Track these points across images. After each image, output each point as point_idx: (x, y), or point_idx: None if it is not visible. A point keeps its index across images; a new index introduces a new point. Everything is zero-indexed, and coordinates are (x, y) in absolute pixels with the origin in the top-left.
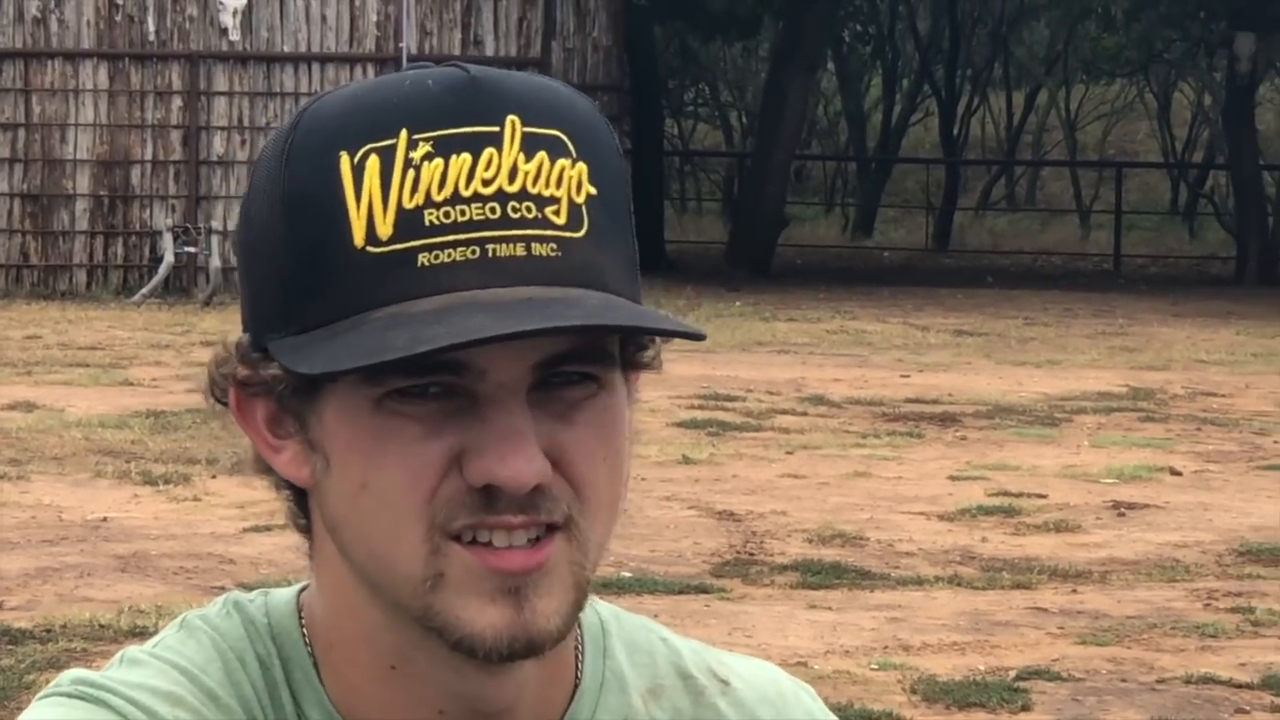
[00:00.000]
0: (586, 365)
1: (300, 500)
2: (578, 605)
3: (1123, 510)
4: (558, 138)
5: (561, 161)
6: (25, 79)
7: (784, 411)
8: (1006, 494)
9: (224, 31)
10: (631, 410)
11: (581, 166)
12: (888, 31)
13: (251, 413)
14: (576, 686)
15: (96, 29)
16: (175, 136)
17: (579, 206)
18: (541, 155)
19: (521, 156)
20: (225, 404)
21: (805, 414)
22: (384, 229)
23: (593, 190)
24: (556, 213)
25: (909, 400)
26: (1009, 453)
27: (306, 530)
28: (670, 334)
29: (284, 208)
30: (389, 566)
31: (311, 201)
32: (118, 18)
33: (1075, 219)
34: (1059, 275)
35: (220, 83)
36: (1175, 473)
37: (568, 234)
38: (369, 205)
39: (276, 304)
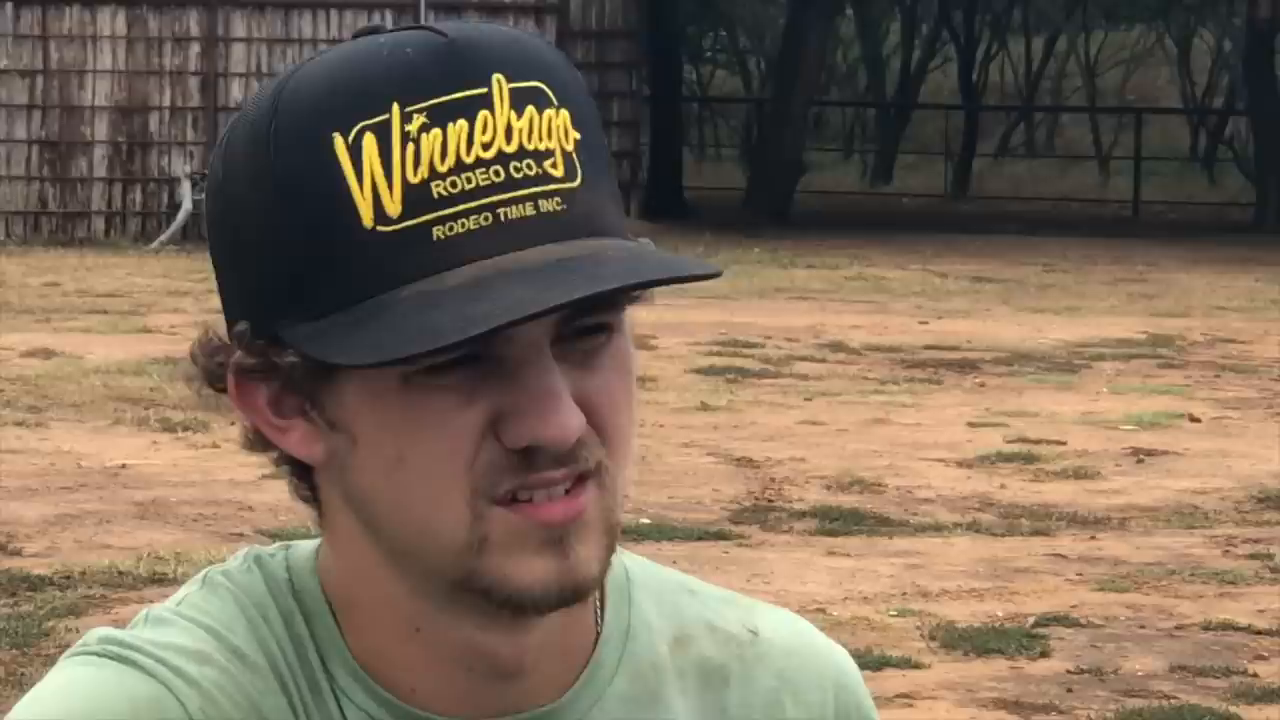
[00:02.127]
0: (604, 315)
1: (302, 474)
2: (611, 549)
3: (1141, 457)
4: (539, 89)
5: (548, 112)
6: (43, 26)
7: (802, 358)
8: (1025, 440)
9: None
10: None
11: (565, 113)
12: None
13: (252, 396)
14: (598, 636)
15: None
16: (194, 83)
17: (570, 154)
18: (530, 110)
19: (513, 114)
20: (222, 390)
21: (824, 361)
22: (393, 207)
23: (577, 135)
24: (554, 165)
25: (928, 347)
26: (1028, 399)
27: (312, 501)
28: (695, 279)
29: (277, 193)
30: (430, 536)
31: (309, 185)
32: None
33: (1094, 165)
34: (1078, 222)
35: (238, 29)
36: (1194, 419)
37: (568, 185)
38: (373, 184)
39: (282, 290)
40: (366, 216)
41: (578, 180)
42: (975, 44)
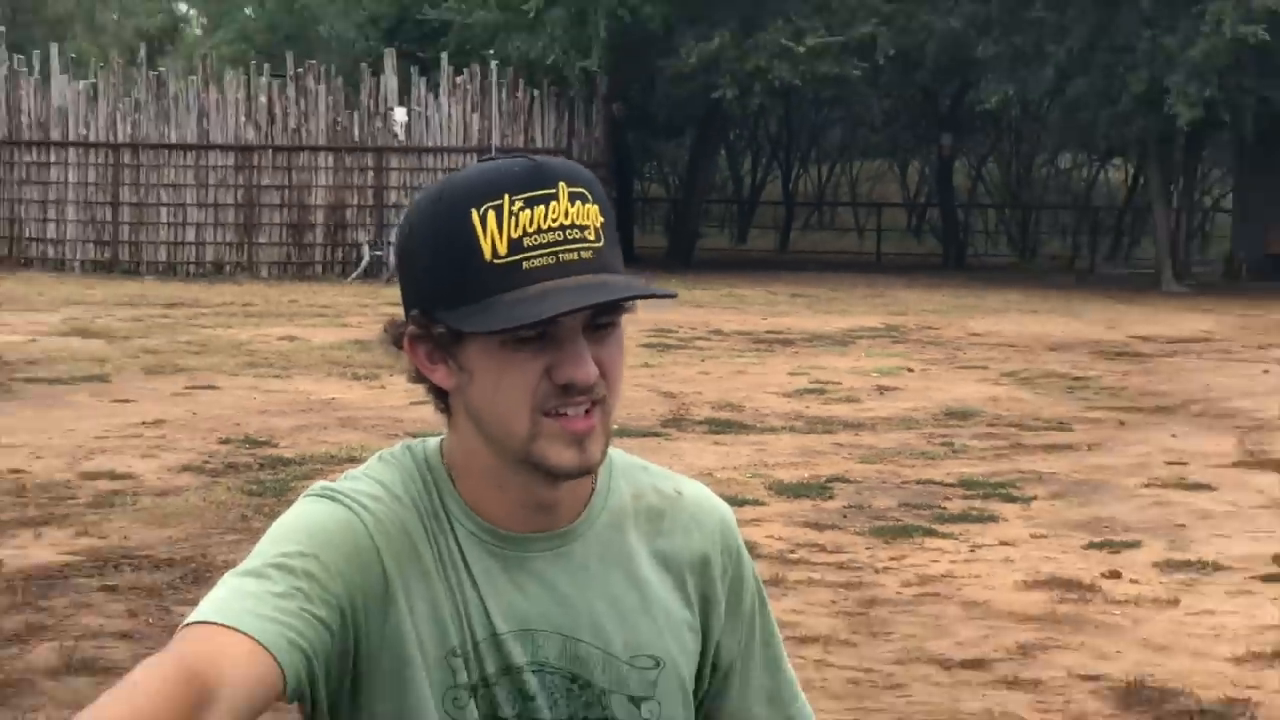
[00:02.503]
0: (612, 315)
1: (440, 396)
2: (607, 446)
3: (883, 390)
4: (582, 192)
5: (587, 205)
6: (287, 162)
7: (700, 338)
8: (819, 382)
9: (395, 135)
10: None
11: (594, 207)
12: (753, 133)
13: (417, 351)
14: (593, 491)
15: (328, 133)
16: (370, 193)
17: (598, 229)
18: (578, 203)
19: (569, 205)
20: (398, 347)
21: (710, 340)
22: (502, 249)
23: (601, 219)
24: (589, 234)
25: (767, 332)
26: (821, 360)
27: (445, 412)
28: (659, 297)
29: (438, 239)
30: (509, 431)
31: (458, 236)
32: (338, 128)
33: (856, 234)
34: (848, 265)
35: (394, 163)
36: (911, 370)
37: (595, 245)
38: (491, 237)
39: (439, 293)
40: (486, 254)
41: (601, 243)
42: (791, 167)
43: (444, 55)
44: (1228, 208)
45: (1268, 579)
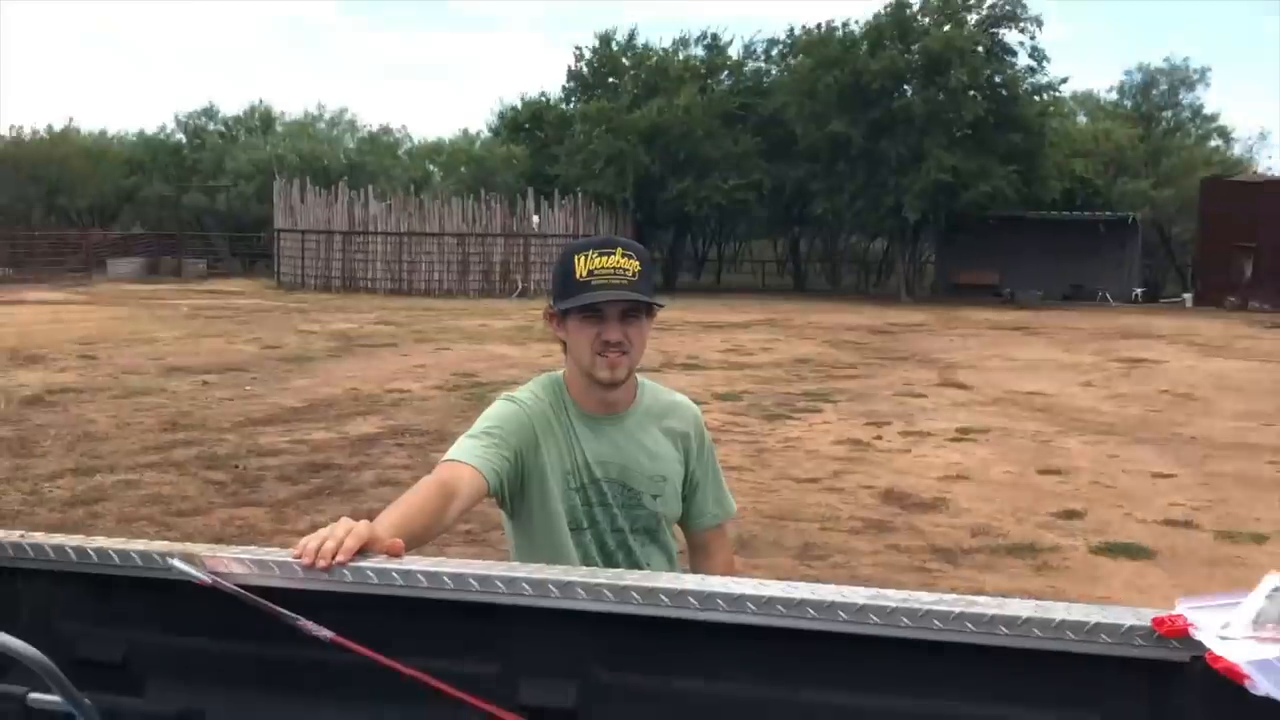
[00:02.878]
0: (636, 312)
1: (563, 345)
2: (630, 374)
3: (765, 349)
4: (631, 253)
5: (632, 260)
6: (482, 241)
7: (678, 325)
8: (735, 346)
9: (533, 228)
10: (650, 325)
11: (637, 262)
12: (704, 227)
13: (551, 321)
14: (634, 396)
15: (501, 226)
16: (520, 255)
17: (636, 271)
18: (626, 258)
19: (623, 257)
20: (547, 321)
21: (683, 326)
22: (582, 274)
23: (639, 268)
24: (630, 273)
25: (710, 322)
26: (735, 335)
27: (565, 354)
28: (652, 304)
29: (560, 268)
30: (581, 361)
31: (569, 268)
32: (506, 224)
33: (752, 275)
34: (750, 291)
35: (533, 243)
36: (778, 341)
37: (632, 279)
38: (580, 268)
39: (559, 292)
40: (580, 275)
41: (636, 279)
42: (721, 243)
43: (556, 191)
44: (933, 260)
45: (952, 440)
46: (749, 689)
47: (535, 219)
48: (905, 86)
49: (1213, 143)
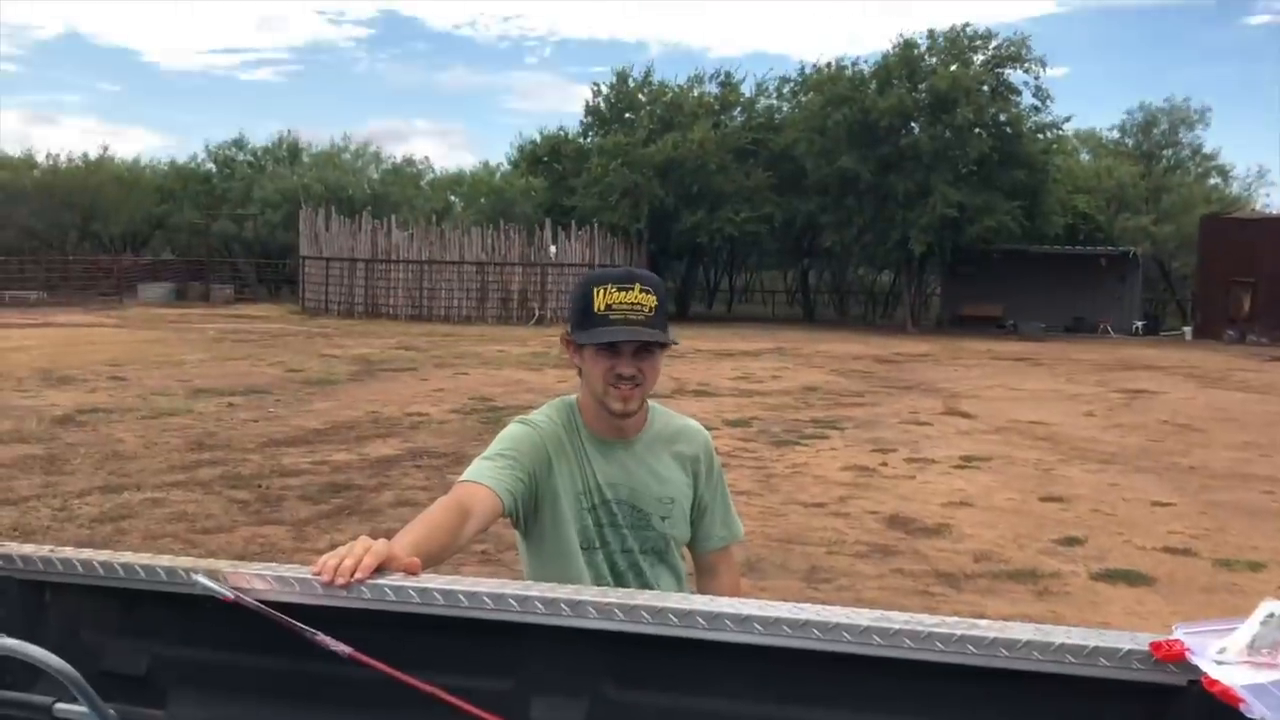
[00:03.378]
0: (652, 348)
1: (579, 371)
2: (642, 404)
3: (777, 376)
4: (649, 289)
5: (649, 295)
6: (500, 270)
7: (690, 353)
8: (747, 374)
9: (550, 258)
10: (663, 357)
11: (654, 298)
12: (715, 258)
13: (568, 349)
14: (645, 421)
15: (520, 255)
16: (537, 284)
17: (652, 307)
18: (644, 293)
19: (641, 293)
20: (563, 345)
21: (695, 355)
22: (600, 307)
23: (655, 303)
24: (649, 309)
25: (721, 350)
26: (745, 363)
27: (580, 375)
28: (668, 343)
29: (578, 299)
30: (595, 390)
31: (588, 300)
32: (524, 254)
33: (763, 305)
34: (760, 320)
35: (550, 272)
36: (787, 369)
37: (649, 314)
38: (599, 301)
39: (576, 323)
40: (596, 308)
41: (652, 314)
42: (733, 273)
43: (573, 222)
44: (938, 292)
45: (956, 467)
46: (755, 708)
47: (552, 249)
48: (912, 124)
49: (1212, 180)
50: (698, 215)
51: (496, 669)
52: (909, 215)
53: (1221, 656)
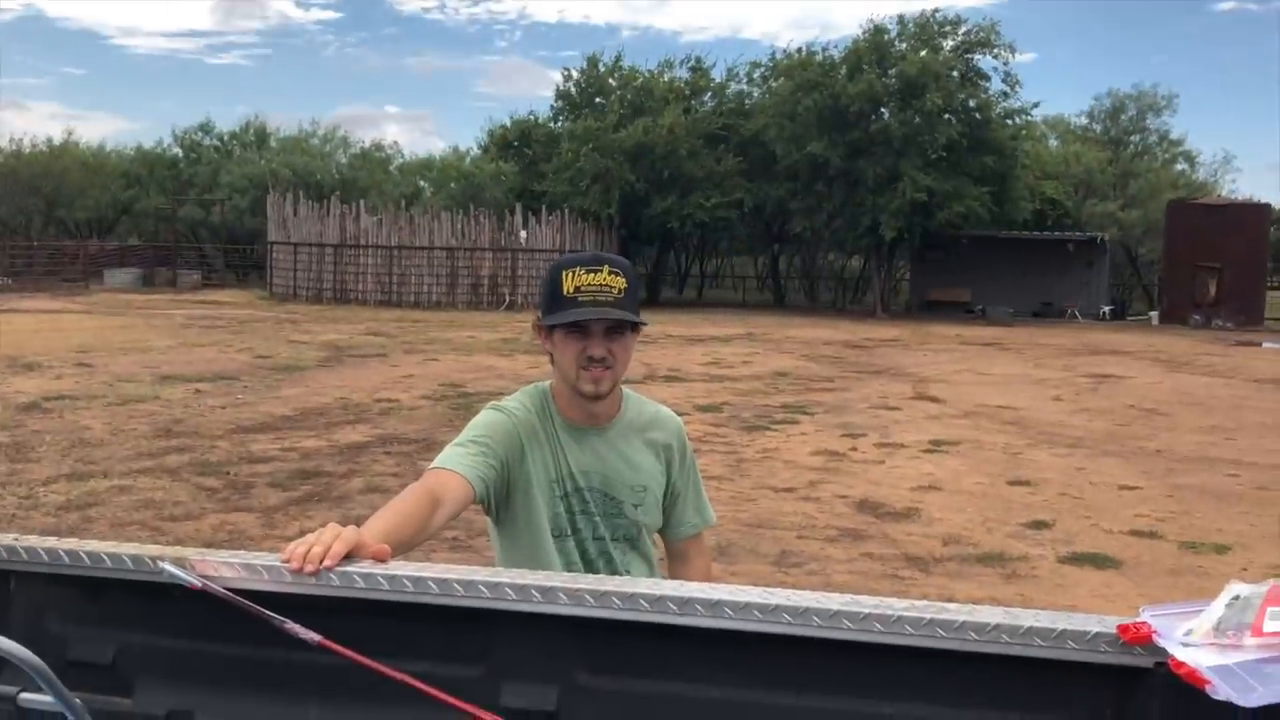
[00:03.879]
0: (623, 328)
1: (551, 357)
2: (614, 388)
3: (747, 361)
4: (618, 271)
5: (618, 278)
6: (470, 255)
7: (662, 338)
8: (717, 359)
9: (520, 243)
10: (634, 340)
11: (623, 280)
12: (686, 244)
13: (539, 334)
14: (619, 408)
15: (490, 241)
16: (508, 269)
17: (621, 289)
18: (613, 275)
19: (609, 275)
20: (535, 333)
21: (666, 340)
22: (569, 290)
23: (625, 285)
24: (618, 290)
25: (692, 335)
26: (716, 349)
27: (552, 362)
28: (638, 323)
29: (548, 283)
30: (567, 374)
31: (557, 284)
32: (494, 239)
33: (733, 290)
34: (730, 305)
35: (520, 257)
36: (757, 354)
37: (618, 296)
38: (568, 284)
39: (546, 306)
40: (567, 290)
41: (622, 296)
42: (703, 259)
43: (543, 207)
44: (907, 277)
45: (925, 452)
46: (727, 692)
47: (523, 234)
48: (882, 110)
49: (1179, 166)
50: (668, 201)
51: (467, 655)
52: (879, 201)
53: (1188, 639)
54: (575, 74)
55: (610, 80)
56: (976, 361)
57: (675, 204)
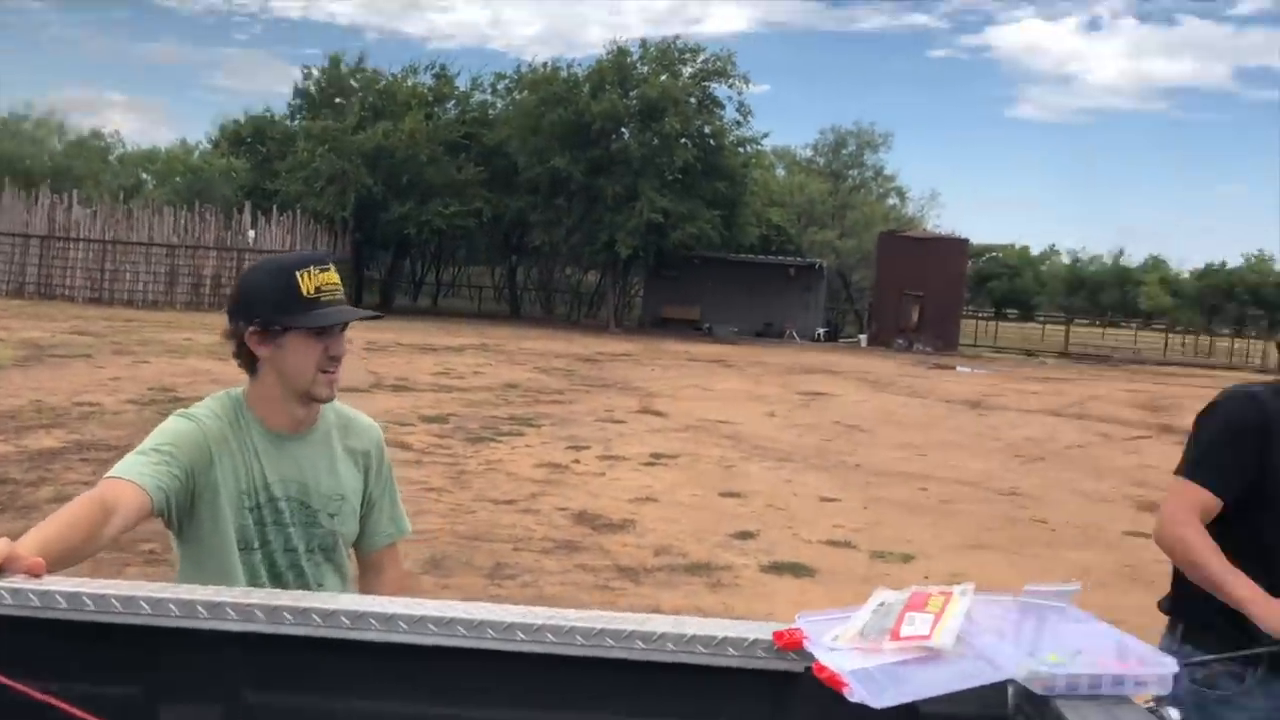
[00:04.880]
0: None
1: (251, 365)
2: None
3: (477, 373)
4: (334, 268)
5: (336, 275)
6: (191, 253)
7: (391, 347)
8: (449, 369)
9: (249, 242)
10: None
11: (337, 275)
12: (422, 251)
13: (253, 339)
14: (318, 414)
15: (215, 240)
16: (233, 269)
17: (341, 286)
18: (336, 273)
19: (335, 273)
20: (233, 339)
21: (396, 349)
22: (308, 291)
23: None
24: (343, 289)
25: (424, 345)
26: (449, 359)
27: (251, 371)
28: (376, 317)
29: (276, 284)
30: (302, 379)
31: (288, 286)
32: (220, 237)
33: (470, 300)
34: (467, 315)
35: (247, 256)
36: (490, 365)
37: (344, 292)
38: (306, 284)
39: (279, 308)
40: (305, 291)
41: (345, 291)
42: (440, 268)
43: (275, 207)
44: (641, 294)
45: (645, 464)
46: (403, 706)
47: (251, 234)
48: (623, 129)
49: (891, 200)
50: (406, 206)
51: (125, 675)
52: (616, 218)
53: (835, 644)
54: (316, 72)
55: (352, 81)
56: (702, 378)
57: (413, 210)
